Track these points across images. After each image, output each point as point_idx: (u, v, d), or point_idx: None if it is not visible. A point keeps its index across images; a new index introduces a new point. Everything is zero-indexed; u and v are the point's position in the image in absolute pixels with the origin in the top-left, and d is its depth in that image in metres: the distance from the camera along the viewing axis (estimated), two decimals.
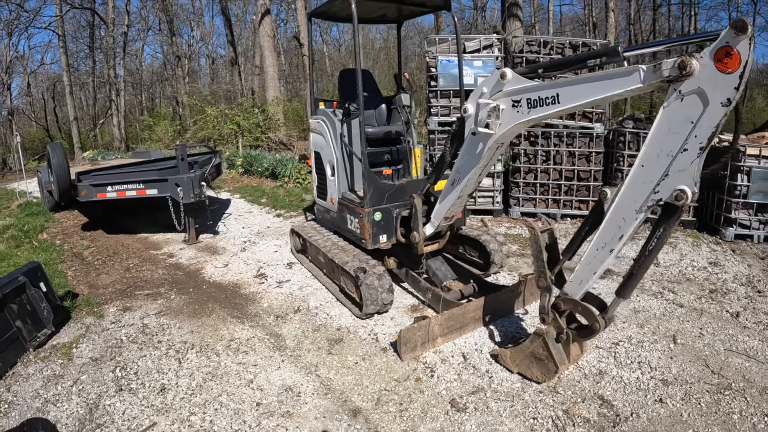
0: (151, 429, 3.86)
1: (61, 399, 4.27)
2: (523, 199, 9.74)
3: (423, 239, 5.57)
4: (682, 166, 3.14)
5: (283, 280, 6.85)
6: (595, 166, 9.37)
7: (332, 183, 6.44)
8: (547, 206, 9.65)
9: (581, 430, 3.80)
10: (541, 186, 9.60)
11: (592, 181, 9.40)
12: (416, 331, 4.70)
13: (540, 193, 9.64)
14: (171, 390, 4.38)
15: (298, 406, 4.14)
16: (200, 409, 4.11)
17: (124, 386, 4.45)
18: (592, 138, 9.29)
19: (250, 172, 14.41)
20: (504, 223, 9.43)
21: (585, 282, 3.95)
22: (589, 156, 9.35)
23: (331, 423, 3.93)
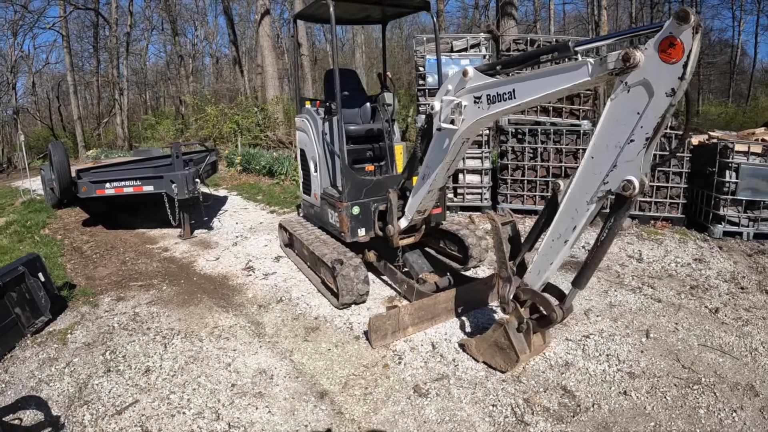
0: (132, 406, 4.16)
1: (53, 379, 4.56)
2: (511, 195, 9.90)
3: (398, 232, 5.77)
4: (629, 156, 3.18)
5: (270, 272, 7.11)
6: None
7: (315, 179, 6.66)
8: (534, 203, 9.80)
9: (539, 418, 3.88)
10: (529, 183, 9.76)
11: None
12: (386, 319, 4.89)
13: (528, 190, 9.79)
14: (155, 371, 4.66)
15: (270, 388, 4.37)
16: (180, 388, 4.38)
17: (112, 368, 4.74)
18: (579, 135, 9.42)
19: (249, 170, 14.68)
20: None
21: (543, 273, 4.05)
22: (576, 153, 9.48)
23: (299, 404, 4.14)
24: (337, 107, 5.75)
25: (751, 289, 6.42)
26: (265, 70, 20.86)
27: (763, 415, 3.91)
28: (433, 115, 4.72)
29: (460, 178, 10.01)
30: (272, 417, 4.00)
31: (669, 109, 2.98)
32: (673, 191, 9.07)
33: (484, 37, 9.62)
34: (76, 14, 35.43)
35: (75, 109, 32.48)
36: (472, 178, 9.97)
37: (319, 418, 3.98)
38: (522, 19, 33.19)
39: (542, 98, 3.75)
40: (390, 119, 6.83)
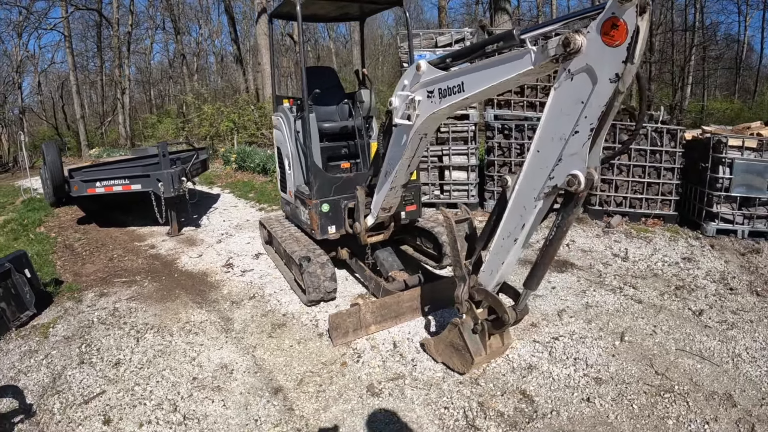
0: (99, 396, 4.35)
1: (31, 370, 4.80)
2: (497, 192, 9.86)
3: (365, 230, 5.78)
4: (573, 149, 3.03)
5: (248, 269, 7.22)
6: None
7: (290, 176, 6.69)
8: None
9: (491, 423, 3.76)
10: None
11: None
12: (347, 317, 4.90)
13: None
14: (124, 364, 4.85)
15: (228, 382, 4.46)
16: (144, 380, 4.54)
17: (85, 360, 4.95)
18: None
19: (244, 168, 14.80)
20: (478, 217, 9.43)
21: (495, 273, 3.97)
22: None
23: (253, 399, 4.21)
24: (304, 104, 5.81)
25: (741, 290, 6.20)
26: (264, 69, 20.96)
27: (738, 427, 3.65)
28: (392, 111, 4.68)
29: (446, 174, 9.99)
30: (226, 410, 4.08)
31: (616, 97, 2.82)
32: (665, 187, 8.84)
33: (469, 32, 9.59)
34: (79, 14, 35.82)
35: (78, 109, 32.82)
36: (458, 174, 9.97)
37: (270, 413, 4.03)
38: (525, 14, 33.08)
39: (490, 90, 3.61)
40: (366, 116, 6.87)
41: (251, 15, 37.04)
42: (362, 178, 6.11)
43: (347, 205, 6.08)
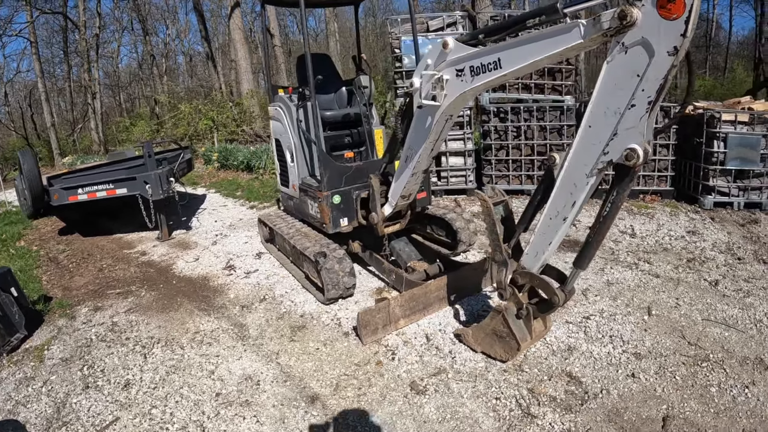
0: (113, 424, 3.81)
1: (31, 400, 4.23)
2: (495, 176, 9.61)
3: (382, 220, 5.44)
4: (630, 123, 2.95)
5: (251, 270, 6.76)
6: (567, 140, 9.18)
7: (292, 169, 6.30)
8: (520, 182, 9.54)
9: (546, 409, 3.63)
10: (514, 162, 9.48)
11: None
12: (376, 313, 4.57)
13: (513, 170, 9.51)
14: (135, 385, 4.32)
15: (257, 395, 4.03)
16: (162, 402, 4.04)
17: (90, 384, 4.39)
18: (563, 111, 9.14)
19: (226, 167, 14.29)
20: (477, 202, 9.25)
21: (541, 254, 3.77)
22: (560, 129, 9.21)
23: (289, 410, 3.81)
24: (311, 91, 5.40)
25: (748, 260, 6.31)
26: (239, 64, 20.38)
27: None
28: (412, 92, 4.37)
29: (443, 160, 9.69)
30: (261, 427, 3.67)
31: (671, 70, 2.73)
32: (660, 164, 8.93)
33: (460, 15, 9.29)
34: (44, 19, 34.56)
35: (48, 117, 31.60)
36: (455, 160, 9.65)
37: (311, 425, 3.66)
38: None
39: (531, 66, 3.43)
40: (367, 102, 6.49)
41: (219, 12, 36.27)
42: (372, 166, 5.78)
43: (359, 196, 5.73)
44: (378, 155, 6.62)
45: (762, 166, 8.02)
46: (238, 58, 20.22)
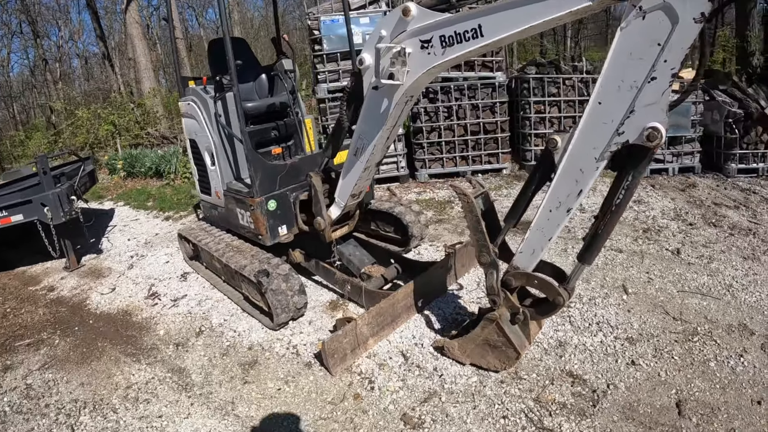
0: None
1: None
2: (429, 160, 8.99)
3: (330, 224, 4.62)
4: (651, 98, 2.51)
5: (179, 296, 5.61)
6: (501, 117, 8.76)
7: (214, 174, 5.30)
8: (455, 165, 8.97)
9: (560, 419, 3.23)
10: (447, 144, 8.87)
11: (499, 132, 8.79)
12: (342, 338, 3.77)
13: (447, 152, 8.91)
14: None
15: None
16: None
17: None
18: (495, 88, 8.64)
19: (133, 175, 12.80)
20: (413, 189, 8.61)
21: (539, 251, 3.22)
22: (493, 107, 8.71)
23: None
24: (232, 78, 4.42)
25: (699, 224, 6.41)
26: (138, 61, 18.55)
27: (766, 353, 3.82)
28: (362, 71, 3.57)
29: None
30: None
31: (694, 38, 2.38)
32: None
33: None
34: None
35: None
36: None
37: None
38: None
39: (522, 33, 2.81)
40: (293, 89, 5.58)
41: (113, 9, 33.42)
42: (309, 162, 4.94)
43: (298, 198, 4.85)
44: (310, 149, 5.79)
45: (693, 132, 8.31)
46: (136, 55, 18.41)
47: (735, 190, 7.93)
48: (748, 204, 7.26)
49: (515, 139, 9.30)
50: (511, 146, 9.16)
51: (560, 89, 8.68)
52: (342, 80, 8.29)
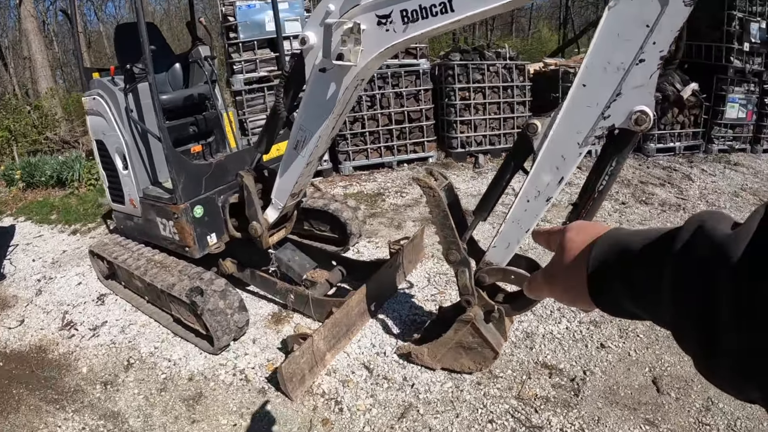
0: None
1: None
2: (353, 152, 8.47)
3: (267, 228, 4.06)
4: (638, 81, 2.36)
5: (98, 324, 4.70)
6: (425, 105, 8.42)
7: (127, 179, 4.55)
8: (380, 155, 8.54)
9: (548, 413, 3.10)
10: (371, 134, 8.40)
11: (424, 120, 8.45)
12: (300, 358, 3.26)
13: (371, 143, 8.44)
14: None
15: None
16: None
17: None
18: (419, 75, 8.26)
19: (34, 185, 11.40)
20: (338, 182, 8.09)
21: (514, 244, 2.91)
22: (417, 95, 8.34)
23: None
24: (147, 64, 3.71)
25: (631, 203, 6.48)
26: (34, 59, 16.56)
27: None
28: (305, 52, 3.06)
29: None
30: None
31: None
32: (519, 121, 8.90)
33: None
34: None
35: None
36: None
37: None
38: None
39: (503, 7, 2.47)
40: (211, 80, 4.94)
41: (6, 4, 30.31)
42: (236, 160, 4.36)
43: (227, 201, 4.23)
44: (231, 145, 5.18)
45: None
46: (32, 51, 16.43)
47: (657, 168, 8.11)
48: (672, 181, 7.48)
49: (440, 127, 9.02)
50: (436, 134, 8.87)
51: (485, 76, 8.49)
52: (259, 70, 7.59)
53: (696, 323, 0.53)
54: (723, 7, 8.83)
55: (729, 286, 0.48)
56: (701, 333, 0.52)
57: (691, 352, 0.56)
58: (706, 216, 0.57)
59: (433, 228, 5.67)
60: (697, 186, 7.36)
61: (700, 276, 0.52)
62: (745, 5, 9.07)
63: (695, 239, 0.55)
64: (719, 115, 9.20)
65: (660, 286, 0.58)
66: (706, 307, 0.51)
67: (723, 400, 3.22)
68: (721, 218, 0.55)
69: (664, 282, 0.57)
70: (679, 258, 0.56)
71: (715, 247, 0.52)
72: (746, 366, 0.49)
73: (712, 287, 0.50)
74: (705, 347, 0.52)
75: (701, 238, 0.54)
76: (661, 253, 0.59)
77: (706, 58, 9.31)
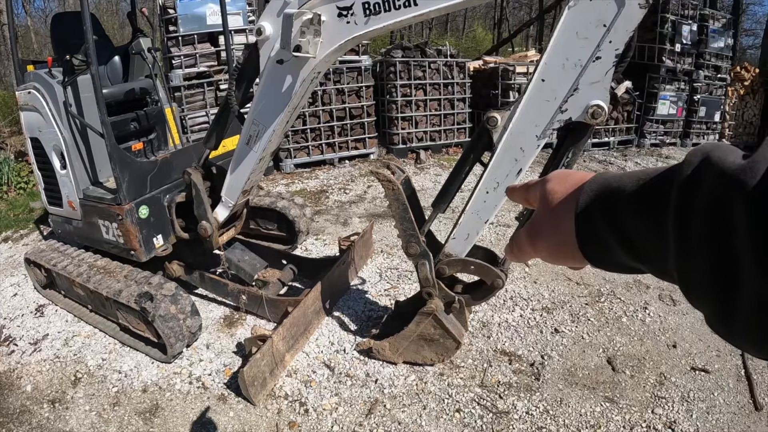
0: None
1: None
2: (294, 149, 8.32)
3: (217, 228, 3.88)
4: (595, 77, 2.43)
5: (39, 337, 4.30)
6: (367, 101, 8.39)
7: (66, 179, 4.23)
8: (322, 153, 8.44)
9: (512, 398, 3.16)
10: (312, 131, 8.28)
11: (365, 117, 8.43)
12: (260, 361, 3.13)
13: (312, 140, 8.32)
14: None
15: None
16: None
17: None
18: (360, 72, 8.21)
19: None
20: (279, 180, 7.95)
21: (473, 235, 2.94)
22: (359, 91, 8.30)
23: None
24: (89, 54, 3.46)
25: None
26: None
27: (664, 302, 4.23)
28: (260, 42, 2.95)
29: None
30: None
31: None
32: (459, 117, 9.15)
33: None
34: None
35: None
36: None
37: None
38: None
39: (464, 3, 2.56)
40: (152, 74, 4.71)
41: None
42: (181, 157, 4.17)
43: (173, 200, 4.02)
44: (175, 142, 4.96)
45: None
46: None
47: (593, 162, 8.43)
48: None
49: (382, 123, 9.02)
50: (377, 131, 8.87)
51: (426, 72, 8.56)
52: (199, 65, 7.31)
53: (710, 269, 0.46)
54: (657, 9, 9.32)
55: (747, 220, 0.42)
56: (716, 278, 0.45)
57: (704, 304, 0.49)
58: (710, 147, 0.50)
59: (380, 223, 5.70)
60: None
61: (712, 212, 0.45)
62: (677, 8, 9.61)
63: (701, 172, 0.48)
64: (651, 111, 9.78)
65: (662, 228, 0.51)
66: (721, 248, 0.44)
67: (675, 375, 3.38)
68: (728, 149, 0.48)
69: (668, 223, 0.50)
70: (684, 194, 0.49)
71: (727, 177, 0.45)
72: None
73: (727, 224, 0.44)
74: (722, 296, 0.45)
75: (709, 170, 0.47)
76: (661, 191, 0.52)
77: (639, 57, 9.80)
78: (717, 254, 0.45)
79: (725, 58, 10.86)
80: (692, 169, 0.49)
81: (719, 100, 10.75)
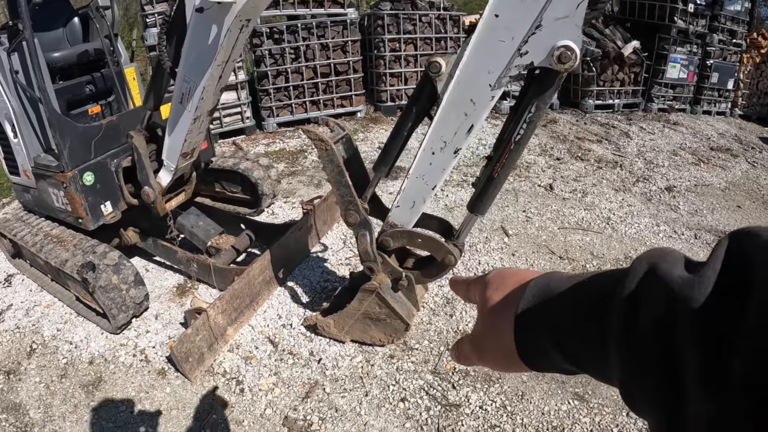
0: None
1: None
2: (276, 108, 8.04)
3: (161, 193, 3.74)
4: (562, 11, 1.96)
5: (4, 308, 4.18)
6: (353, 57, 8.01)
7: (18, 148, 4.07)
8: (306, 111, 8.14)
9: (467, 389, 2.87)
10: (296, 89, 7.96)
11: (351, 73, 8.08)
12: (194, 336, 3.01)
13: (295, 98, 8.02)
14: None
15: None
16: None
17: None
18: (346, 26, 7.82)
19: None
20: (261, 140, 7.71)
21: (420, 203, 2.64)
22: (344, 46, 7.91)
23: None
24: (23, 16, 3.31)
25: (567, 159, 6.41)
26: None
27: None
28: None
29: None
30: None
31: None
32: None
33: None
34: None
35: None
36: (226, 96, 7.57)
37: None
38: None
39: None
40: (111, 34, 4.50)
41: None
42: (129, 119, 3.95)
43: (120, 165, 3.85)
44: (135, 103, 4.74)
45: None
46: None
47: (595, 125, 8.12)
48: (610, 138, 7.49)
49: (369, 80, 8.66)
50: (364, 87, 8.51)
51: (416, 26, 8.13)
52: None
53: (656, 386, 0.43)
54: None
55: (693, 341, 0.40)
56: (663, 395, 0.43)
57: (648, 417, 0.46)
58: (657, 257, 0.46)
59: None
60: (635, 143, 7.40)
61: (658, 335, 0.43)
62: None
63: (646, 287, 0.45)
64: (660, 74, 9.29)
65: (605, 343, 0.48)
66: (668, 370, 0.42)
67: None
68: (674, 260, 0.45)
69: (611, 340, 0.47)
70: (628, 312, 0.46)
71: (673, 296, 0.42)
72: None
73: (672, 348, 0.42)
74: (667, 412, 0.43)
75: (654, 287, 0.44)
76: (604, 304, 0.49)
77: (649, 16, 9.28)
78: (663, 376, 0.43)
79: (741, 22, 10.24)
80: (636, 283, 0.47)
81: (733, 67, 10.18)
